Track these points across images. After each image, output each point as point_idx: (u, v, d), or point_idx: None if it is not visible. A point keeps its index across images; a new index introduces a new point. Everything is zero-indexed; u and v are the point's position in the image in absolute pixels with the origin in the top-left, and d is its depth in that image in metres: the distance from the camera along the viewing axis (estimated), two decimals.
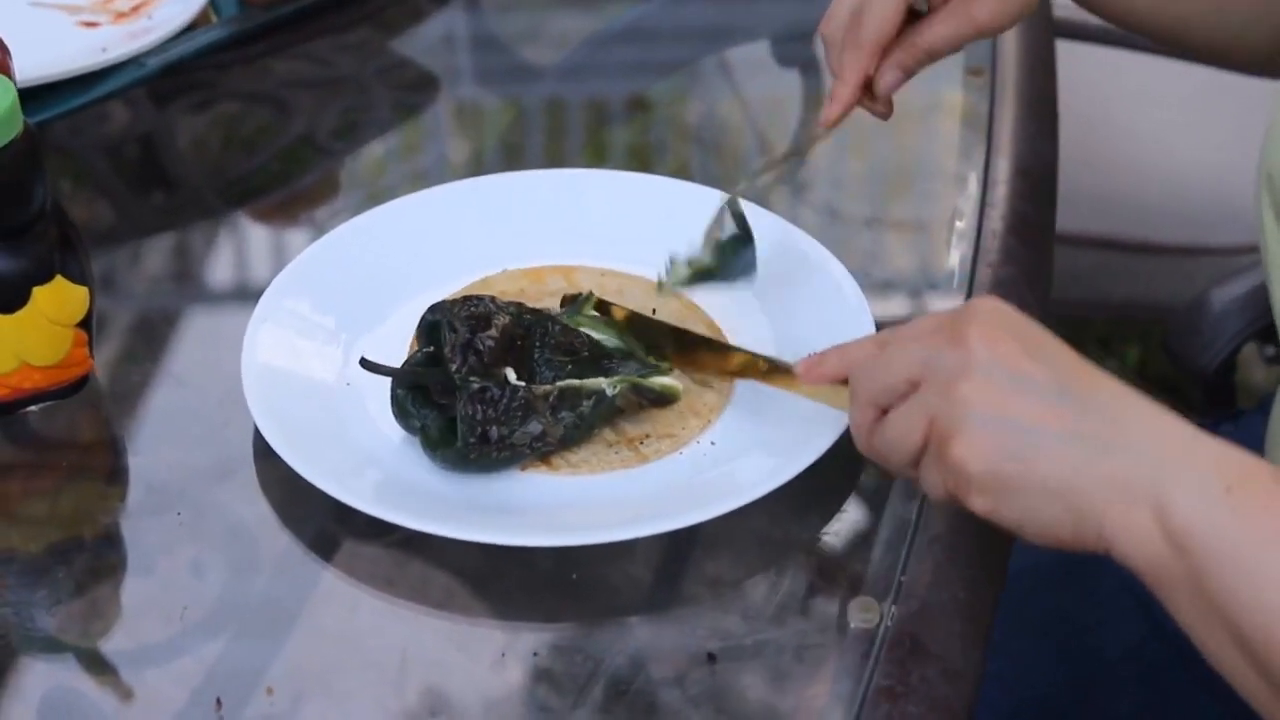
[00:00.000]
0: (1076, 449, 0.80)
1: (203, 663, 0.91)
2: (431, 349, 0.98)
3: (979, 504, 0.82)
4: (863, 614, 0.91)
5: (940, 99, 1.33)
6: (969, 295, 1.11)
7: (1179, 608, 0.79)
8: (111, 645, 0.94)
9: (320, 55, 1.42)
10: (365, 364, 0.98)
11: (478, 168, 1.36)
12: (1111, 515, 0.79)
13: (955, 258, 1.16)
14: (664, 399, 1.00)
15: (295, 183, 1.34)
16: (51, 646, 0.94)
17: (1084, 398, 0.81)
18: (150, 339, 1.17)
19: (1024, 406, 0.81)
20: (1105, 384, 0.82)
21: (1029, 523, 0.82)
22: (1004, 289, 1.11)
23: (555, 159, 1.38)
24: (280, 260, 1.23)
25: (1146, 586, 0.80)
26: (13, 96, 0.98)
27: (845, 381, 0.92)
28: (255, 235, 1.29)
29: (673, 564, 0.95)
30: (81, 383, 1.06)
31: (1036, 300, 1.12)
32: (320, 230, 1.19)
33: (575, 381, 0.98)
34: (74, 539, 1.01)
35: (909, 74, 1.04)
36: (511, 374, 0.97)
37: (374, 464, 0.98)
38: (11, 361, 1.01)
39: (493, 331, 0.97)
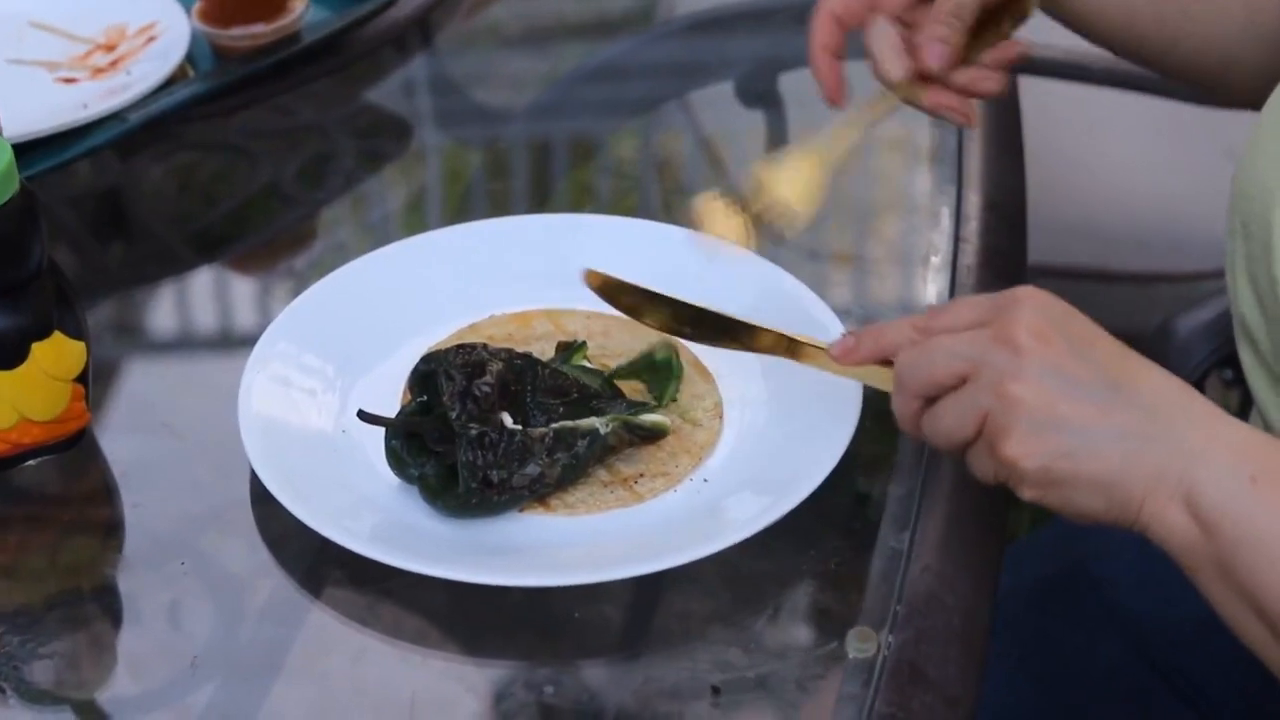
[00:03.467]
0: (1121, 446, 0.85)
1: (211, 711, 0.93)
2: (425, 398, 1.00)
3: (1028, 495, 0.88)
4: (861, 644, 0.93)
5: (909, 137, 1.36)
6: None
7: (1208, 587, 0.85)
8: (114, 695, 0.95)
9: (292, 106, 1.44)
10: (363, 416, 0.99)
11: (454, 213, 1.38)
12: (1149, 504, 0.85)
13: (932, 291, 1.18)
14: (654, 435, 1.03)
15: (271, 232, 1.35)
16: (51, 699, 0.95)
17: (1129, 391, 0.86)
18: (140, 391, 1.18)
19: (1073, 407, 0.86)
20: (1145, 374, 0.88)
21: (1073, 509, 0.87)
22: None
23: (533, 202, 1.40)
24: (262, 309, 1.26)
25: (1180, 567, 0.86)
26: (9, 156, 0.99)
27: (881, 362, 0.95)
28: (235, 285, 1.30)
29: (673, 599, 0.97)
30: (79, 436, 1.07)
31: None
32: (300, 279, 1.21)
33: (569, 423, 1.00)
34: (73, 591, 1.02)
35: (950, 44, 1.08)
36: (508, 418, 0.99)
37: (373, 508, 1.00)
38: (11, 417, 1.03)
39: (488, 378, 0.99)
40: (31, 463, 1.06)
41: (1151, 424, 0.86)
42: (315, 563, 0.99)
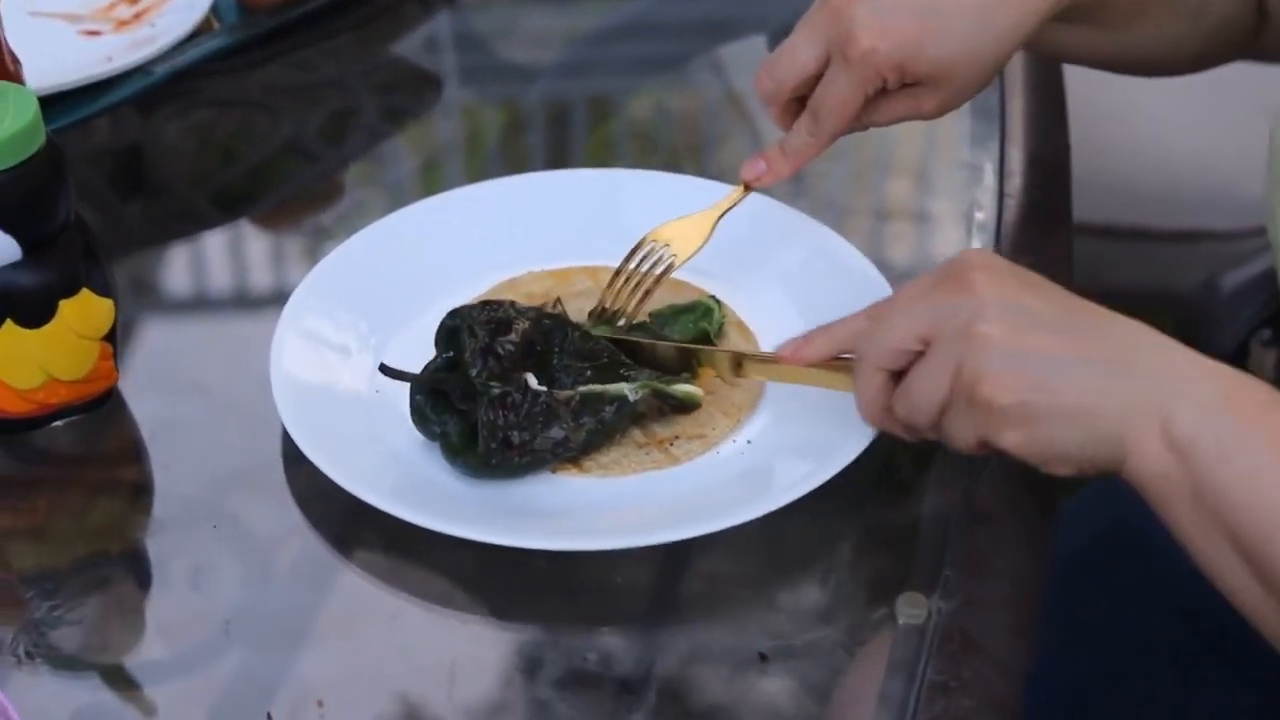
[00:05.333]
0: (1094, 374, 0.84)
1: (247, 677, 0.91)
2: (451, 354, 0.98)
3: (1010, 439, 0.85)
4: (911, 609, 0.90)
5: None
6: None
7: (1181, 521, 0.84)
8: (143, 660, 0.93)
9: (315, 62, 1.41)
10: (385, 370, 0.97)
11: (478, 172, 1.35)
12: (1128, 437, 0.83)
13: (980, 241, 1.15)
14: (685, 405, 1.00)
15: (294, 189, 1.32)
16: (80, 664, 0.93)
17: (1093, 326, 0.86)
18: (167, 349, 1.16)
19: (1041, 339, 0.84)
20: (1108, 313, 0.87)
21: (1055, 451, 0.85)
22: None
23: (558, 158, 1.38)
24: (286, 267, 1.24)
25: (1151, 505, 0.85)
26: (35, 108, 0.97)
27: (836, 361, 0.93)
28: (258, 243, 1.28)
29: (716, 564, 0.94)
30: (106, 396, 1.05)
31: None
32: (325, 235, 1.18)
33: (597, 387, 0.98)
34: (101, 553, 1.00)
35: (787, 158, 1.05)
36: (532, 379, 0.96)
37: (406, 468, 0.97)
38: (39, 376, 1.00)
39: (513, 336, 0.96)
40: (59, 423, 1.04)
41: (1122, 355, 0.85)
42: (347, 524, 0.97)
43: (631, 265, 1.06)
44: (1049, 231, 1.17)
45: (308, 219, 1.30)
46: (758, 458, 0.98)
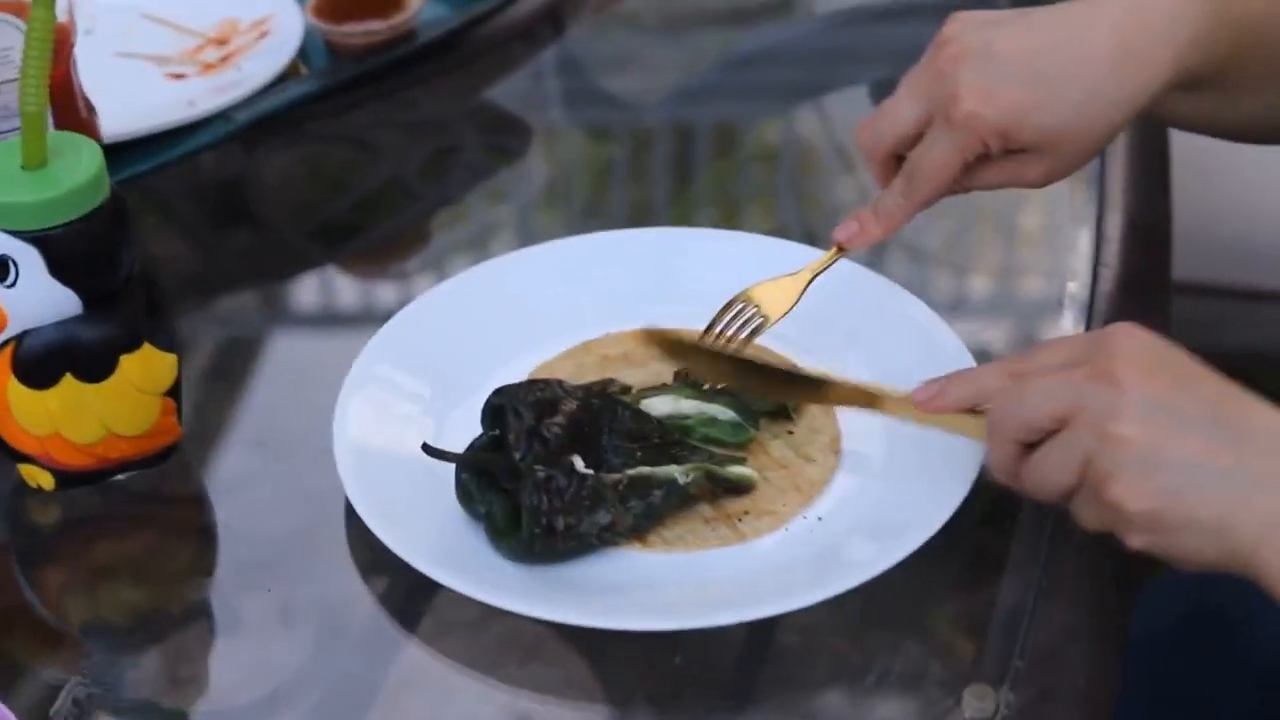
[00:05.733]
0: (1232, 486, 0.80)
1: None
2: (497, 432, 0.95)
3: (1136, 541, 0.82)
4: (978, 702, 0.87)
5: None
6: None
7: None
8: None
9: (410, 105, 1.40)
10: (428, 450, 0.95)
11: (581, 214, 1.33)
12: (1261, 550, 0.79)
13: (1069, 320, 1.11)
14: (740, 488, 0.97)
15: (384, 232, 1.31)
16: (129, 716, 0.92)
17: (1238, 429, 0.81)
18: (236, 400, 1.14)
19: (1180, 444, 0.80)
20: (1258, 412, 0.82)
21: (1183, 556, 0.82)
22: None
23: (644, 211, 1.35)
24: (370, 314, 1.22)
25: None
26: (100, 161, 0.96)
27: (970, 410, 0.90)
28: (343, 286, 1.26)
29: (778, 645, 0.91)
30: (169, 451, 1.03)
31: None
32: (410, 282, 1.16)
33: (646, 470, 0.95)
34: (162, 611, 0.98)
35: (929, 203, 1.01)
36: (579, 461, 0.93)
37: (465, 540, 0.95)
38: (98, 431, 0.99)
39: (559, 418, 0.94)
40: (121, 477, 1.03)
41: (1266, 463, 0.80)
42: (408, 593, 0.94)
43: (719, 326, 1.03)
44: (1145, 302, 1.12)
45: (394, 265, 1.29)
46: (828, 536, 0.95)
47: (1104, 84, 0.95)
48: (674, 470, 0.95)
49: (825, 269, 1.04)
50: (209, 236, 1.31)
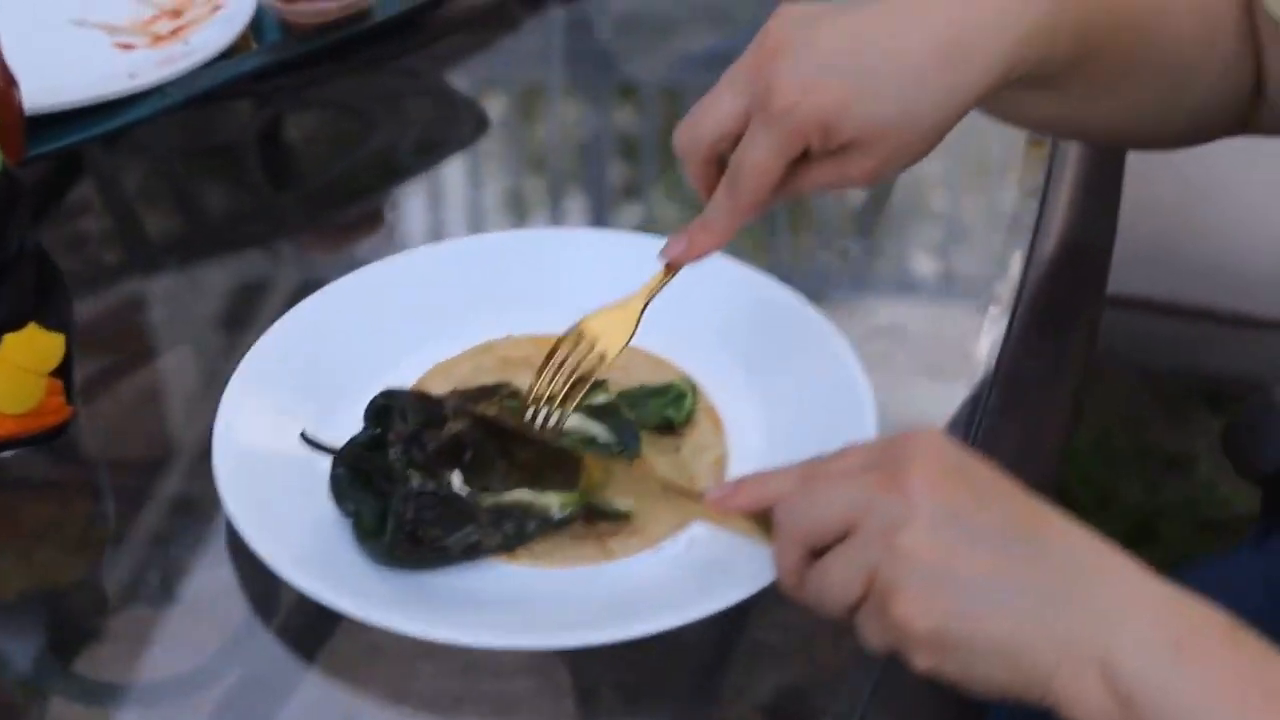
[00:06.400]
0: (1025, 605, 0.75)
1: None
2: (379, 431, 0.94)
3: (922, 662, 0.77)
4: None
5: (995, 167, 1.27)
6: (986, 392, 1.05)
7: None
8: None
9: (360, 87, 1.39)
10: (306, 440, 0.94)
11: (517, 214, 1.32)
12: (1060, 675, 0.75)
13: (985, 345, 1.09)
14: (620, 520, 0.95)
15: (337, 216, 1.30)
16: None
17: (1034, 546, 0.77)
18: (140, 380, 1.13)
19: (970, 559, 0.76)
20: (1057, 528, 0.78)
21: (975, 679, 0.77)
22: (1023, 384, 1.06)
23: (593, 209, 1.33)
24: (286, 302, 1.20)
25: None
26: None
27: (763, 515, 0.85)
28: (288, 268, 1.26)
29: (625, 672, 0.90)
30: (59, 430, 1.03)
31: (1060, 398, 1.06)
32: (324, 273, 1.15)
33: (525, 497, 0.93)
34: (43, 588, 0.98)
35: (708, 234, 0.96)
36: (457, 479, 0.92)
37: (332, 544, 0.94)
38: None
39: (441, 434, 0.93)
40: (7, 454, 1.02)
41: (1061, 582, 0.76)
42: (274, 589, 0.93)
43: (550, 372, 0.99)
44: (1063, 334, 1.10)
45: (345, 247, 1.28)
46: (696, 560, 0.93)
47: (928, 78, 0.90)
48: (552, 502, 0.94)
49: (657, 292, 0.99)
50: (172, 206, 1.31)
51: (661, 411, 1.01)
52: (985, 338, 1.09)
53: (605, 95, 1.46)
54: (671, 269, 0.97)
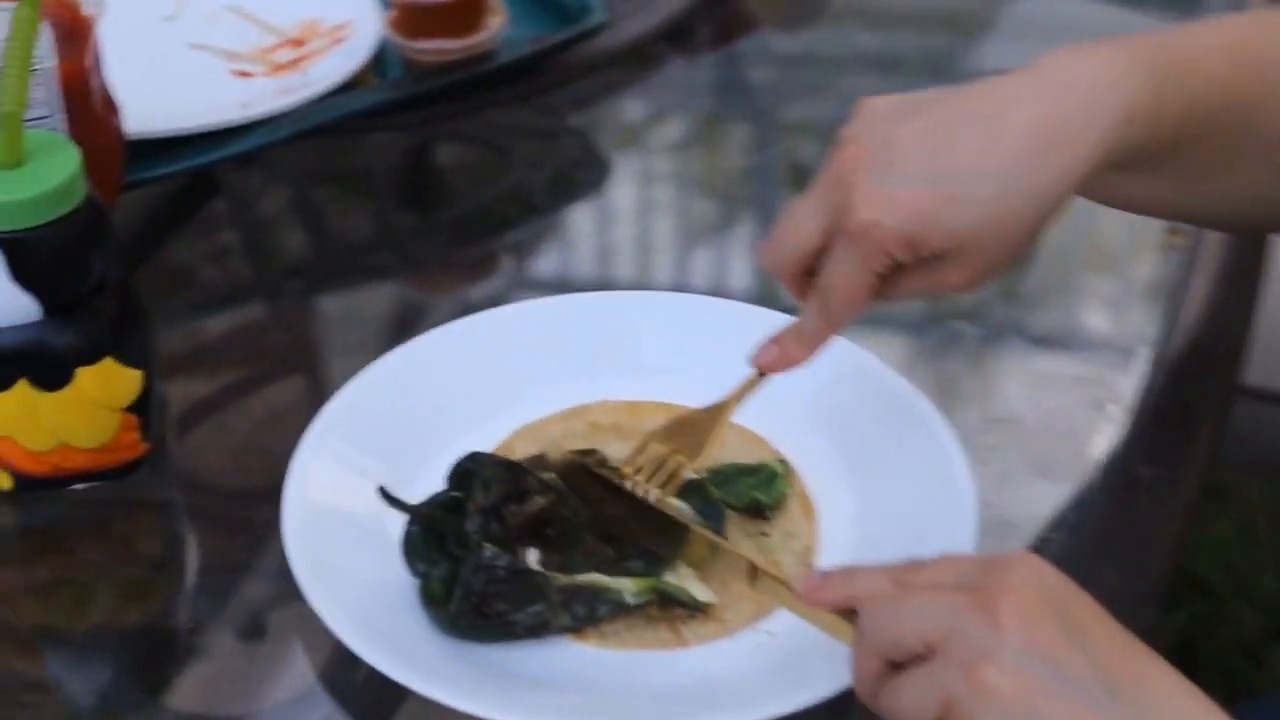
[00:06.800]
0: None
1: None
2: (460, 495, 0.90)
3: None
4: None
5: (1127, 253, 1.21)
6: (1096, 495, 1.00)
7: None
8: None
9: (480, 131, 1.36)
10: (384, 495, 0.90)
11: (641, 266, 1.28)
12: None
13: (1100, 444, 1.03)
14: (693, 606, 0.90)
15: (456, 254, 1.27)
16: None
17: (1127, 696, 0.71)
18: (235, 411, 1.11)
19: (1053, 704, 0.71)
20: (1158, 685, 0.72)
21: None
22: (1138, 488, 1.01)
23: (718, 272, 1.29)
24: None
25: None
26: (75, 165, 0.93)
27: (847, 611, 0.81)
28: (401, 304, 1.24)
29: None
30: (132, 466, 1.00)
31: (1176, 502, 1.00)
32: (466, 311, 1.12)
33: (600, 580, 0.89)
34: (115, 623, 0.97)
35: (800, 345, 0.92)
36: (534, 556, 0.89)
37: (398, 608, 0.90)
38: (50, 440, 0.96)
39: (525, 507, 0.89)
40: (78, 486, 1.00)
41: None
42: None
43: (636, 477, 0.94)
44: (1186, 436, 1.05)
45: (461, 288, 1.25)
46: (775, 652, 0.89)
47: (1021, 175, 0.84)
48: (626, 586, 0.89)
49: (745, 396, 0.94)
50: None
51: (751, 492, 0.96)
52: (1102, 437, 1.04)
53: (747, 143, 1.42)
54: (762, 375, 0.93)
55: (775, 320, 0.96)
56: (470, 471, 0.91)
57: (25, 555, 1.01)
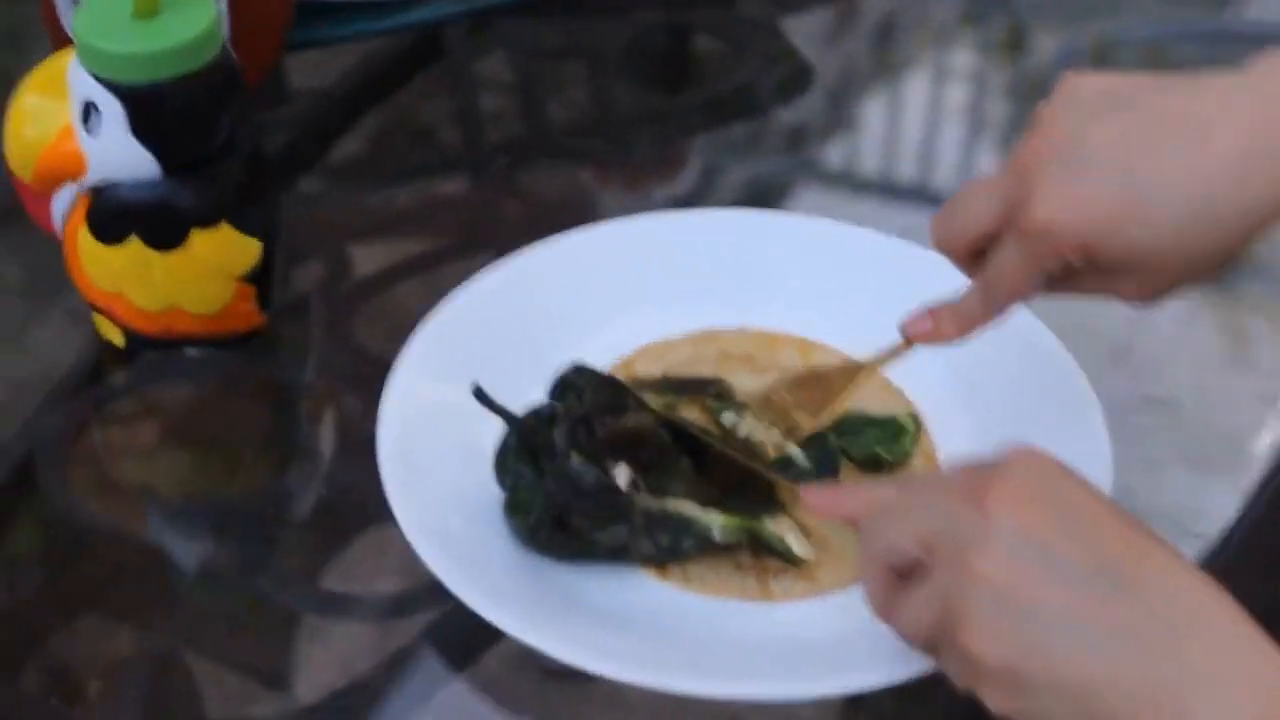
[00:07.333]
0: (1105, 648, 0.65)
1: None
2: (560, 406, 0.86)
3: (993, 700, 0.68)
4: None
5: None
6: (1254, 496, 0.92)
7: None
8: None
9: (724, 23, 1.30)
10: (479, 395, 0.86)
11: (827, 189, 1.22)
12: None
13: (1265, 441, 0.95)
14: (787, 559, 0.85)
15: (648, 151, 1.22)
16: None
17: (1124, 585, 0.66)
18: (372, 293, 1.07)
19: (1047, 591, 0.66)
20: (1159, 569, 0.67)
21: None
22: None
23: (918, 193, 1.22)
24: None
25: None
26: (209, 21, 0.89)
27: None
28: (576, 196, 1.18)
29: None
30: (247, 337, 0.97)
31: None
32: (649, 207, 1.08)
33: (687, 510, 0.84)
34: (213, 497, 0.94)
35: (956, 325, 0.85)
36: (624, 475, 0.84)
37: (478, 525, 0.86)
38: (161, 300, 0.94)
39: (621, 422, 0.84)
40: (193, 351, 0.97)
41: (1153, 629, 0.65)
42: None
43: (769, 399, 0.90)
44: None
45: (642, 185, 1.20)
46: (867, 620, 0.83)
47: (1217, 197, 0.75)
48: (714, 523, 0.84)
49: (887, 363, 0.89)
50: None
51: (874, 446, 0.90)
52: (1268, 433, 0.96)
53: (979, 70, 1.34)
54: (910, 344, 0.87)
55: (946, 270, 0.88)
56: (571, 383, 0.87)
57: (134, 415, 0.99)
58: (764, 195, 1.17)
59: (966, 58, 1.34)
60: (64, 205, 0.94)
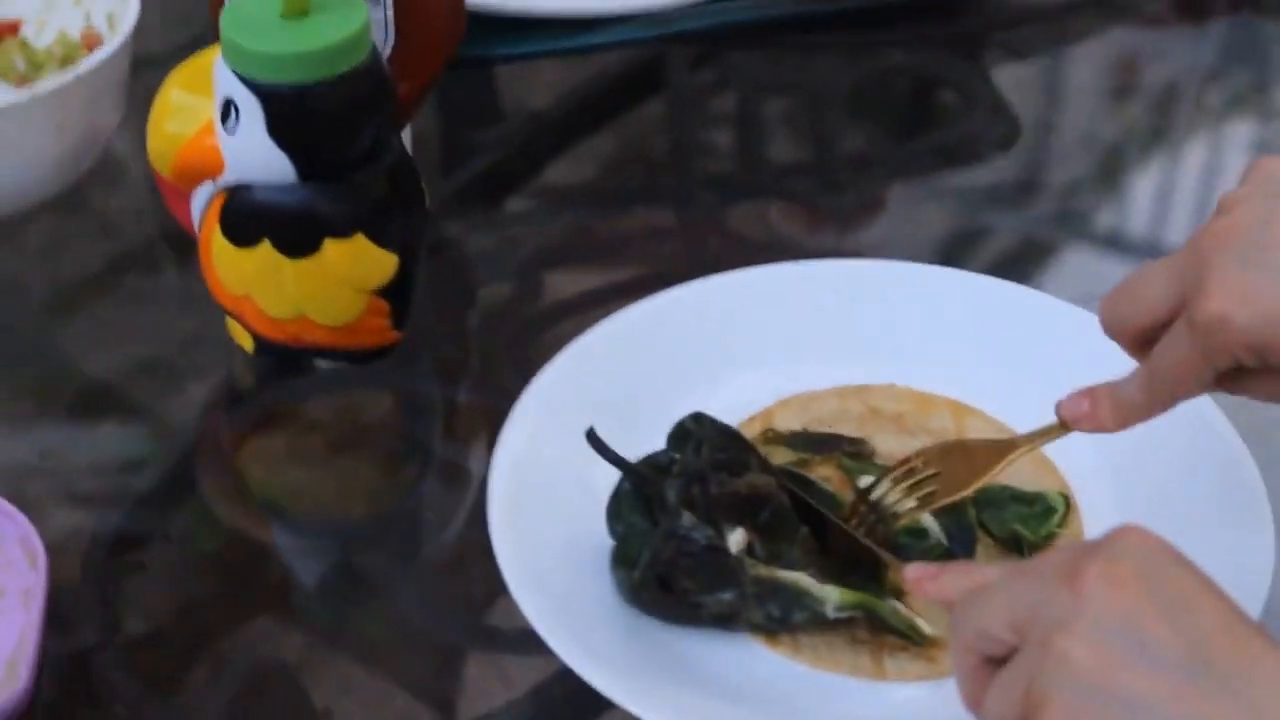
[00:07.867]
0: None
1: None
2: (678, 457, 0.81)
3: None
4: None
5: None
6: None
7: None
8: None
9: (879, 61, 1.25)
10: (592, 439, 0.82)
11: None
12: None
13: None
14: (909, 636, 0.79)
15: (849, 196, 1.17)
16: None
17: (1226, 676, 0.60)
18: (503, 320, 1.04)
19: (1139, 677, 0.60)
20: (1265, 663, 0.60)
21: None
22: None
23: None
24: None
25: None
26: (359, 25, 0.86)
27: None
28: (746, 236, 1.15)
29: None
30: (379, 352, 0.94)
31: None
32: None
33: (801, 582, 0.79)
34: (335, 519, 0.92)
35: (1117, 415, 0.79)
36: (738, 538, 0.79)
37: (585, 576, 0.82)
38: (290, 308, 0.91)
39: (738, 482, 0.79)
40: (324, 364, 0.95)
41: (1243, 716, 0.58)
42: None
43: (879, 492, 0.84)
44: None
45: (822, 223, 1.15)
46: None
47: None
48: (829, 598, 0.79)
49: (1040, 444, 0.83)
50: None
51: (1016, 523, 0.84)
52: None
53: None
54: (1065, 427, 0.81)
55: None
56: (689, 432, 0.82)
57: (260, 422, 0.97)
58: (955, 251, 1.12)
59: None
60: (202, 204, 0.91)
